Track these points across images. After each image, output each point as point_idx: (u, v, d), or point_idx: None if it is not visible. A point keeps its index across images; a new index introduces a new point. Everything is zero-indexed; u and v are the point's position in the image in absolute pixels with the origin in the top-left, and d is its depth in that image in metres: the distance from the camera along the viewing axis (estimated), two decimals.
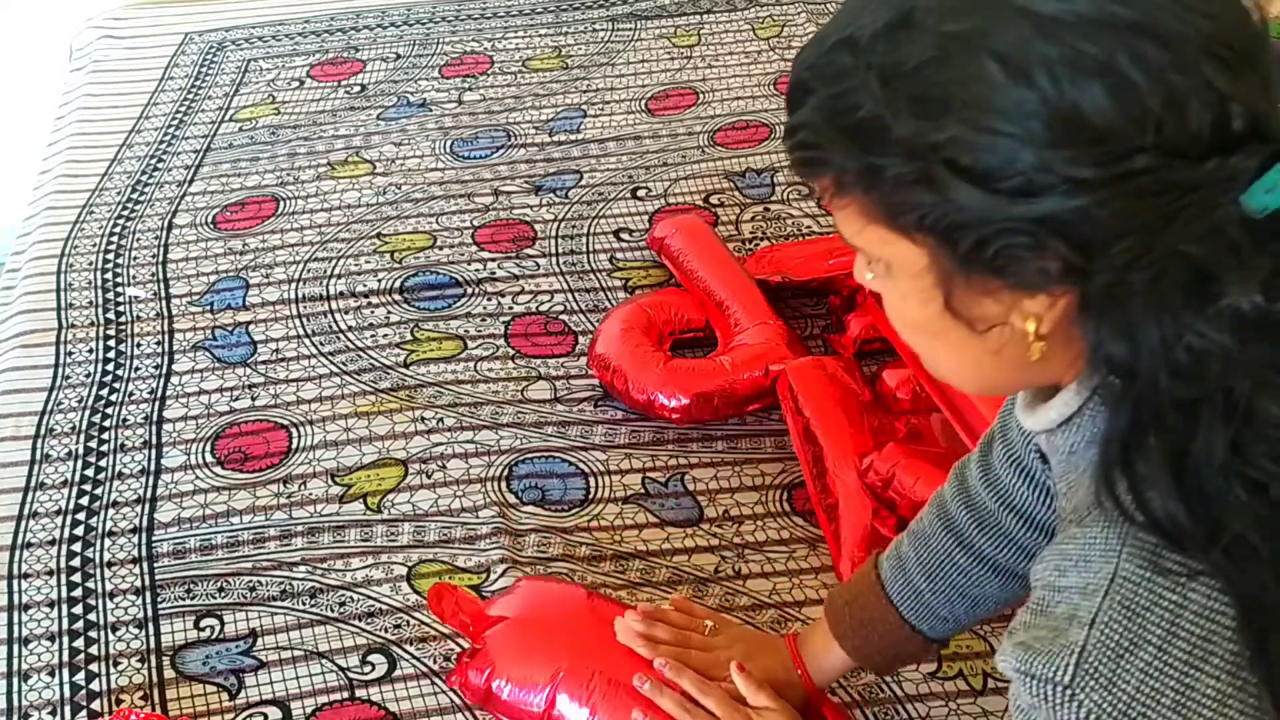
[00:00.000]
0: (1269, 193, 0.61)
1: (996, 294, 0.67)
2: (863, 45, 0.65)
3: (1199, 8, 0.61)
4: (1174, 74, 0.60)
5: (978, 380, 0.77)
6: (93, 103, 2.22)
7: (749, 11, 2.45)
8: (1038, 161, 0.61)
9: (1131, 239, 0.61)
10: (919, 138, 0.63)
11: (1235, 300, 0.61)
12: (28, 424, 1.57)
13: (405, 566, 1.38)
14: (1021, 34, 0.60)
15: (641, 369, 1.55)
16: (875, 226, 0.69)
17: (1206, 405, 0.63)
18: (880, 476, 1.40)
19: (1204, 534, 0.64)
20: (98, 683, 1.28)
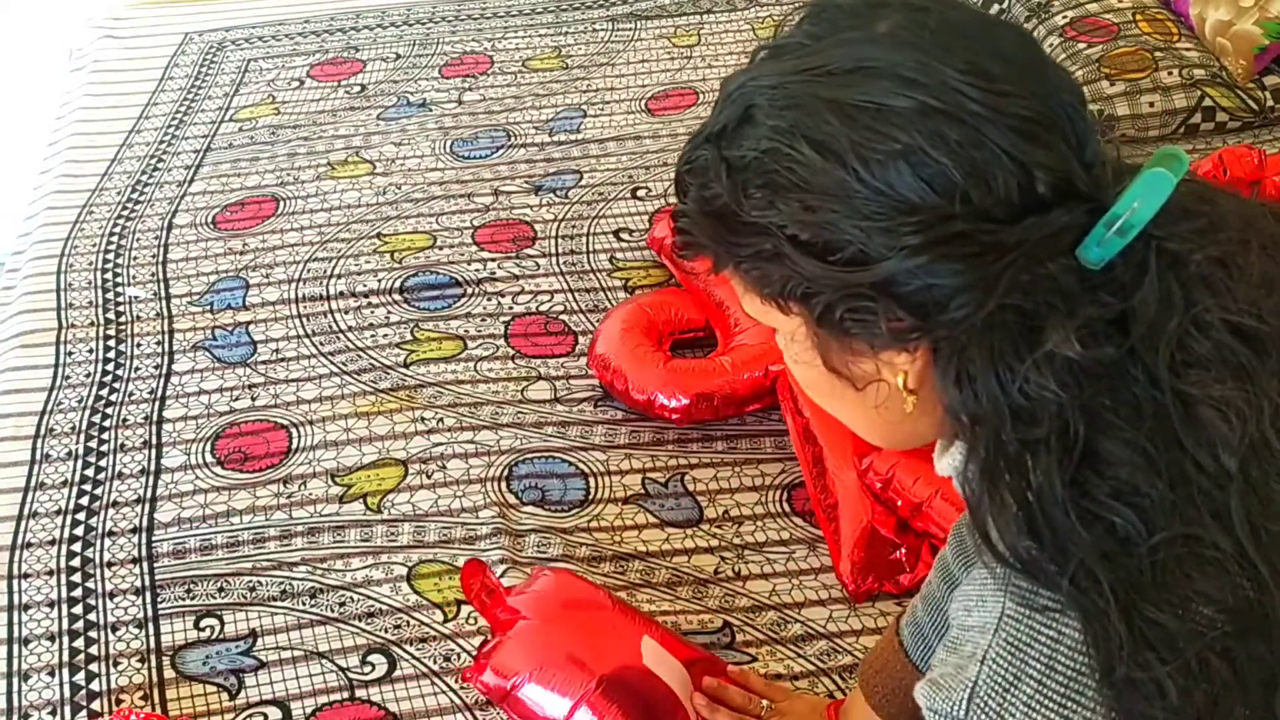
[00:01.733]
0: (1100, 245, 0.67)
1: (863, 353, 0.73)
2: (718, 140, 0.72)
3: (999, 89, 0.67)
4: (974, 150, 0.66)
5: (875, 434, 0.83)
6: (93, 103, 2.22)
7: (749, 11, 2.45)
8: (863, 234, 0.67)
9: (963, 297, 0.67)
10: (763, 218, 0.70)
11: (1056, 347, 0.66)
12: (28, 424, 1.57)
13: (405, 567, 1.38)
14: (833, 124, 0.67)
15: (641, 369, 1.55)
16: (751, 296, 0.76)
17: (1044, 446, 0.68)
18: (880, 477, 1.40)
19: (1053, 567, 0.68)
20: (98, 683, 1.28)
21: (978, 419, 0.70)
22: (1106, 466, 0.68)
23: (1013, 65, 0.69)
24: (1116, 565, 0.67)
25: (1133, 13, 2.16)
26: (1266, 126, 2.08)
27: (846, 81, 0.68)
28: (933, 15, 0.70)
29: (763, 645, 1.30)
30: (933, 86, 0.67)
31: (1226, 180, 1.70)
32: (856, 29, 0.70)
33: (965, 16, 0.72)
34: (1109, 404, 0.68)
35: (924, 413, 0.76)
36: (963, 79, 0.67)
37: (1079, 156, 0.69)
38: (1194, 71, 2.06)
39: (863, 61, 0.68)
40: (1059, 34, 2.16)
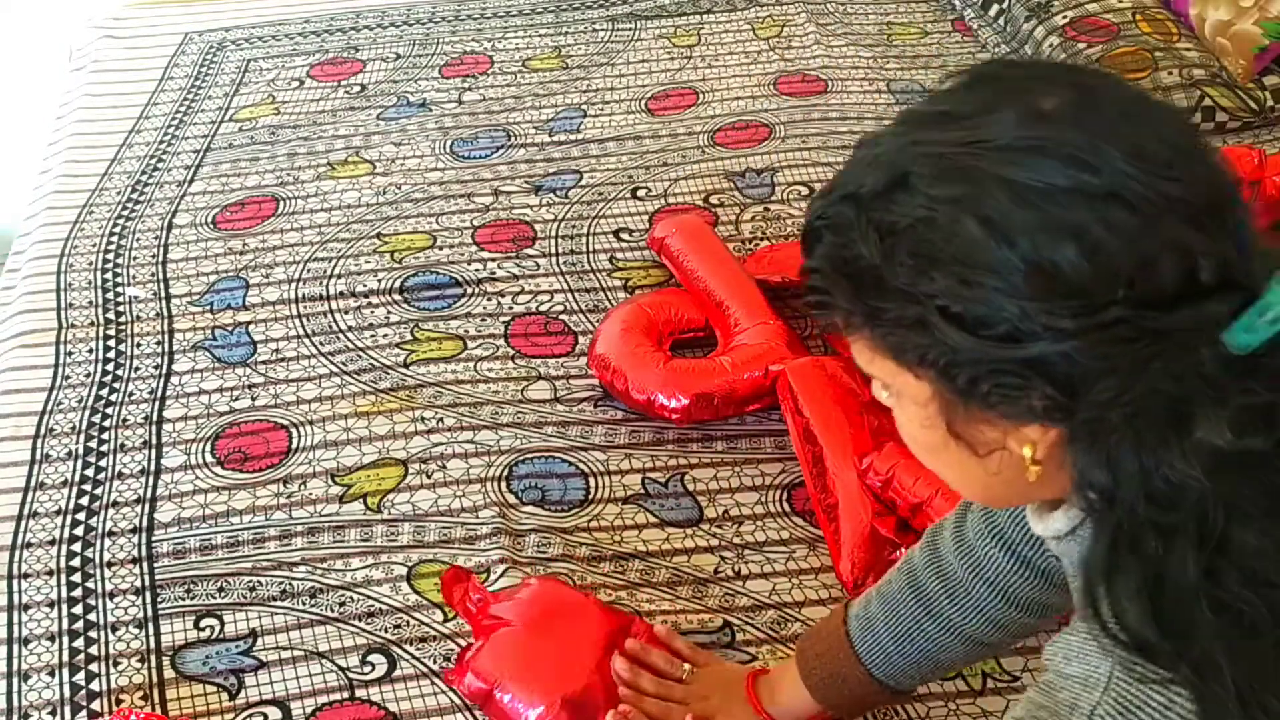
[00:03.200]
0: (1248, 332, 0.66)
1: (994, 422, 0.73)
2: (864, 201, 0.71)
3: (1166, 173, 0.67)
4: (1142, 236, 0.66)
5: (983, 495, 0.83)
6: (93, 103, 2.22)
7: (749, 11, 2.45)
8: (1020, 312, 0.66)
9: (1111, 380, 0.67)
10: (913, 287, 0.69)
11: (1206, 436, 0.66)
12: (28, 424, 1.57)
13: (405, 567, 1.38)
14: (1001, 201, 0.67)
15: (641, 369, 1.55)
16: (882, 359, 0.75)
17: (1182, 532, 0.68)
18: (880, 476, 1.40)
19: (1173, 651, 0.69)
20: (98, 683, 1.28)
21: (1113, 500, 0.70)
22: (1240, 556, 0.68)
23: (1177, 148, 0.69)
24: (1240, 655, 0.68)
25: (1133, 13, 2.16)
26: (1266, 126, 2.08)
27: (1014, 159, 0.67)
28: (1100, 95, 0.70)
29: (763, 644, 1.30)
30: (1102, 169, 0.66)
31: None
32: (1023, 104, 0.69)
33: (1131, 97, 0.72)
34: (1249, 494, 0.68)
35: (1040, 482, 0.75)
36: (1131, 163, 0.66)
37: (1235, 243, 0.68)
38: (1194, 71, 2.06)
39: (1031, 140, 0.67)
40: (1059, 34, 2.16)
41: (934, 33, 2.39)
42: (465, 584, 1.29)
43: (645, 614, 1.32)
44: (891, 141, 0.72)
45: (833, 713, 1.16)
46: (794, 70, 2.27)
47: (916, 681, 1.14)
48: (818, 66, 2.27)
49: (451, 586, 1.29)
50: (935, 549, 1.09)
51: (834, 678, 1.12)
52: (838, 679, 1.12)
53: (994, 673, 1.27)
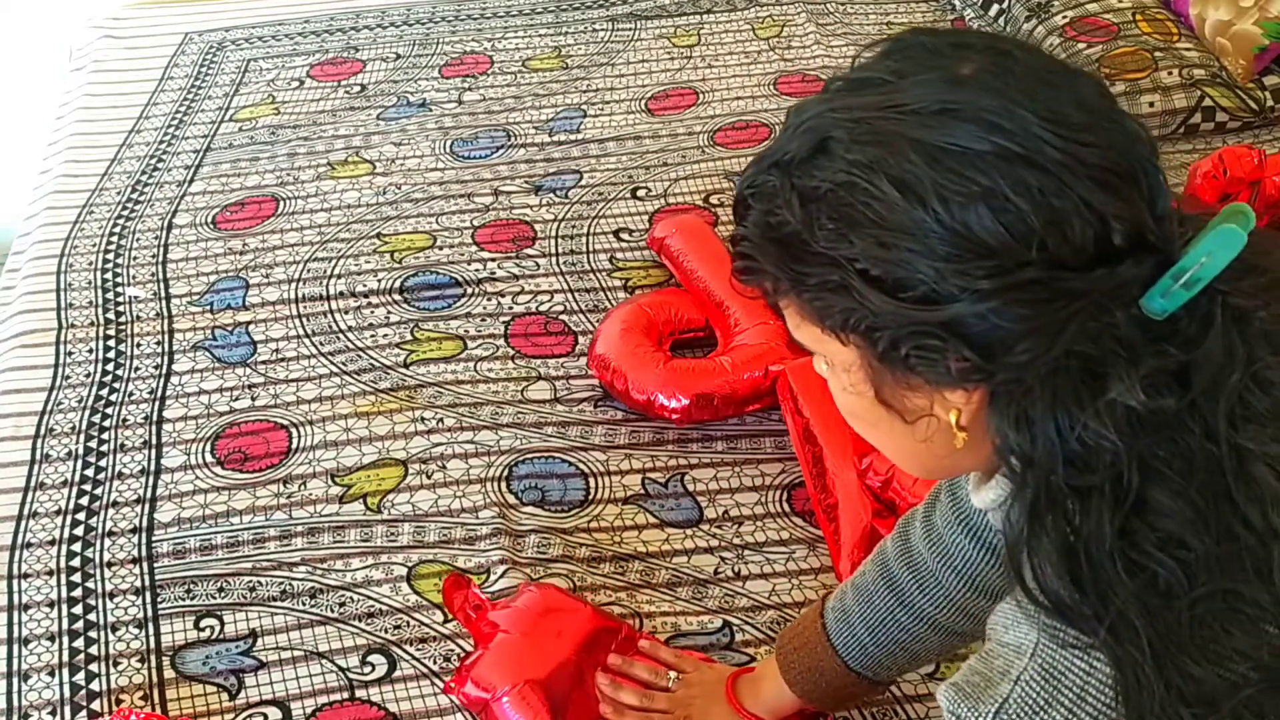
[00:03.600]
0: (1164, 296, 0.67)
1: (919, 388, 0.74)
2: (789, 168, 0.72)
3: (1080, 137, 0.68)
4: (1054, 197, 0.67)
5: (916, 465, 0.84)
6: (93, 103, 2.22)
7: (749, 11, 2.45)
8: (936, 274, 0.67)
9: (1028, 341, 0.67)
10: (835, 251, 0.70)
11: (1119, 396, 0.67)
12: (28, 424, 1.57)
13: (405, 567, 1.38)
14: (916, 163, 0.67)
15: (641, 369, 1.55)
16: (809, 325, 0.76)
17: (1097, 493, 0.69)
18: (880, 477, 1.40)
19: (1091, 613, 0.70)
20: (98, 683, 1.28)
21: (1030, 461, 0.70)
22: (1156, 517, 0.68)
23: (1093, 114, 0.69)
24: (1155, 617, 0.68)
25: (1133, 13, 2.16)
26: (1266, 126, 2.08)
27: (930, 122, 0.68)
28: (1016, 60, 0.71)
29: (762, 645, 1.30)
30: (1016, 132, 0.67)
31: (1226, 180, 1.70)
32: (940, 69, 0.70)
33: (1047, 63, 0.72)
34: (1163, 455, 0.69)
35: (970, 448, 0.76)
36: (1045, 126, 0.67)
37: (1151, 209, 0.69)
38: (1194, 71, 2.06)
39: (947, 103, 0.68)
40: (1059, 34, 2.16)
41: None
42: (465, 590, 1.30)
43: (645, 615, 1.32)
44: (815, 108, 0.73)
45: (814, 705, 1.16)
46: (794, 70, 2.27)
47: (893, 672, 1.14)
48: (818, 66, 2.27)
49: (452, 593, 1.30)
50: (906, 539, 1.10)
51: (812, 671, 1.13)
52: (815, 672, 1.13)
53: None
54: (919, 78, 0.70)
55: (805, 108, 0.74)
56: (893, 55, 0.73)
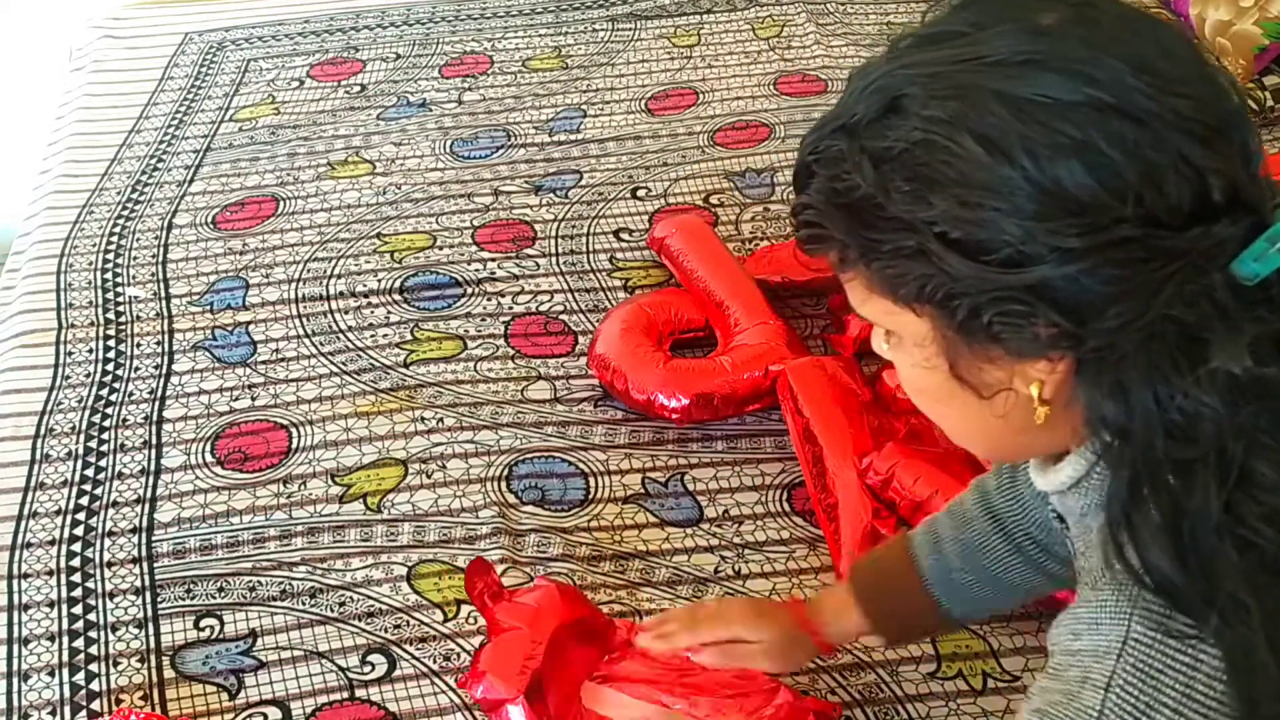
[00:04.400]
0: (1258, 260, 0.63)
1: (999, 360, 0.69)
2: (857, 130, 0.68)
3: (1173, 88, 0.64)
4: (1150, 150, 0.63)
5: (987, 444, 0.80)
6: (93, 103, 2.22)
7: (749, 11, 2.45)
8: (1024, 233, 0.63)
9: (1121, 305, 0.64)
10: (911, 214, 0.66)
11: (1224, 363, 0.63)
12: (28, 424, 1.57)
13: (405, 567, 1.38)
14: (1001, 116, 0.64)
15: (641, 369, 1.55)
16: (879, 298, 0.72)
17: (1201, 466, 0.65)
18: (880, 476, 1.40)
19: (1199, 594, 0.66)
20: (98, 683, 1.28)
21: (1128, 434, 0.67)
22: (1260, 490, 0.65)
23: (1184, 65, 0.66)
24: (1266, 594, 0.65)
25: None
26: (1266, 126, 2.07)
27: (1014, 73, 0.64)
28: (1101, 10, 0.67)
29: None
30: (1107, 83, 0.64)
31: None
32: (1020, 20, 0.67)
33: (1131, 12, 0.69)
34: (1266, 426, 0.65)
35: (1048, 425, 0.72)
36: (1138, 76, 0.64)
37: (1246, 166, 0.66)
38: None
39: (1032, 54, 0.65)
40: None
41: None
42: (486, 577, 1.27)
43: (645, 613, 1.32)
44: (884, 67, 0.69)
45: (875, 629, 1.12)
46: (794, 70, 2.27)
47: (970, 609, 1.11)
48: (818, 66, 2.27)
49: (473, 577, 1.27)
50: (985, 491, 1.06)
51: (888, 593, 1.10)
52: (891, 594, 1.10)
53: (994, 673, 1.27)
54: (999, 29, 0.66)
55: (871, 68, 0.70)
56: (968, 7, 0.69)
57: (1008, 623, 1.30)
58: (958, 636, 1.30)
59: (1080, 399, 0.69)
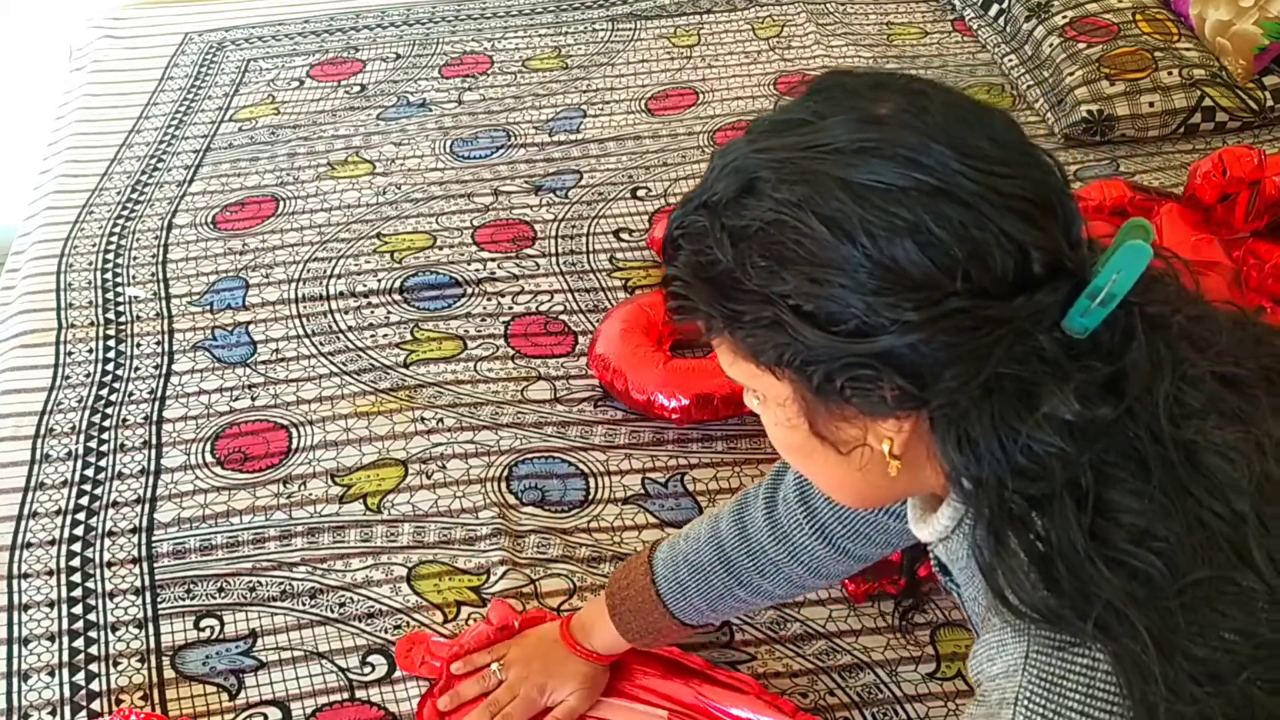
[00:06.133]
0: (1084, 316, 0.70)
1: (853, 419, 0.75)
2: (717, 208, 0.74)
3: (996, 170, 0.70)
4: (974, 229, 0.69)
5: (852, 495, 0.85)
6: (93, 103, 2.22)
7: (749, 11, 2.45)
8: (867, 307, 0.69)
9: (957, 368, 0.69)
10: (767, 288, 0.71)
11: (1052, 409, 0.69)
12: (28, 424, 1.57)
13: (405, 567, 1.38)
14: (842, 201, 0.69)
15: (641, 369, 1.55)
16: (742, 362, 0.77)
17: (1057, 500, 0.71)
18: None
19: (1075, 613, 0.71)
20: (98, 683, 1.28)
21: (980, 481, 0.72)
22: (1122, 515, 0.71)
23: (1006, 147, 0.72)
24: (1147, 607, 0.69)
25: (1133, 13, 2.16)
26: (1266, 126, 2.08)
27: (852, 160, 0.70)
28: (930, 99, 0.73)
29: (762, 644, 1.30)
30: (934, 167, 0.69)
31: (1226, 180, 1.70)
32: (859, 109, 0.72)
33: (960, 100, 0.74)
34: (1114, 459, 0.71)
35: (903, 477, 0.78)
36: (962, 161, 0.69)
37: (1067, 236, 0.71)
38: (1194, 71, 2.06)
39: (866, 141, 0.70)
40: (1059, 34, 2.16)
41: (934, 33, 2.39)
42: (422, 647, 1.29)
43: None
44: (741, 149, 0.74)
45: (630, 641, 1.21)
46: (794, 70, 2.27)
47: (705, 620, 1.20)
48: (818, 66, 2.27)
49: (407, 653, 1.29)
50: (744, 526, 1.14)
51: (649, 628, 1.19)
52: (653, 630, 1.19)
53: None
54: (840, 118, 0.72)
55: (730, 149, 0.75)
56: (813, 97, 0.75)
57: None
58: (957, 636, 1.30)
59: (935, 449, 0.74)
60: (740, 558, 1.14)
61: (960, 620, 1.31)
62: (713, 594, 1.16)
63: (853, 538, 1.10)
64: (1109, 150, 2.05)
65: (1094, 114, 2.02)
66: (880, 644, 1.30)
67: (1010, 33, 2.29)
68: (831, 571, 1.14)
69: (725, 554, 1.14)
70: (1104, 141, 2.05)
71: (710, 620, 1.20)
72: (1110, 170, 2.00)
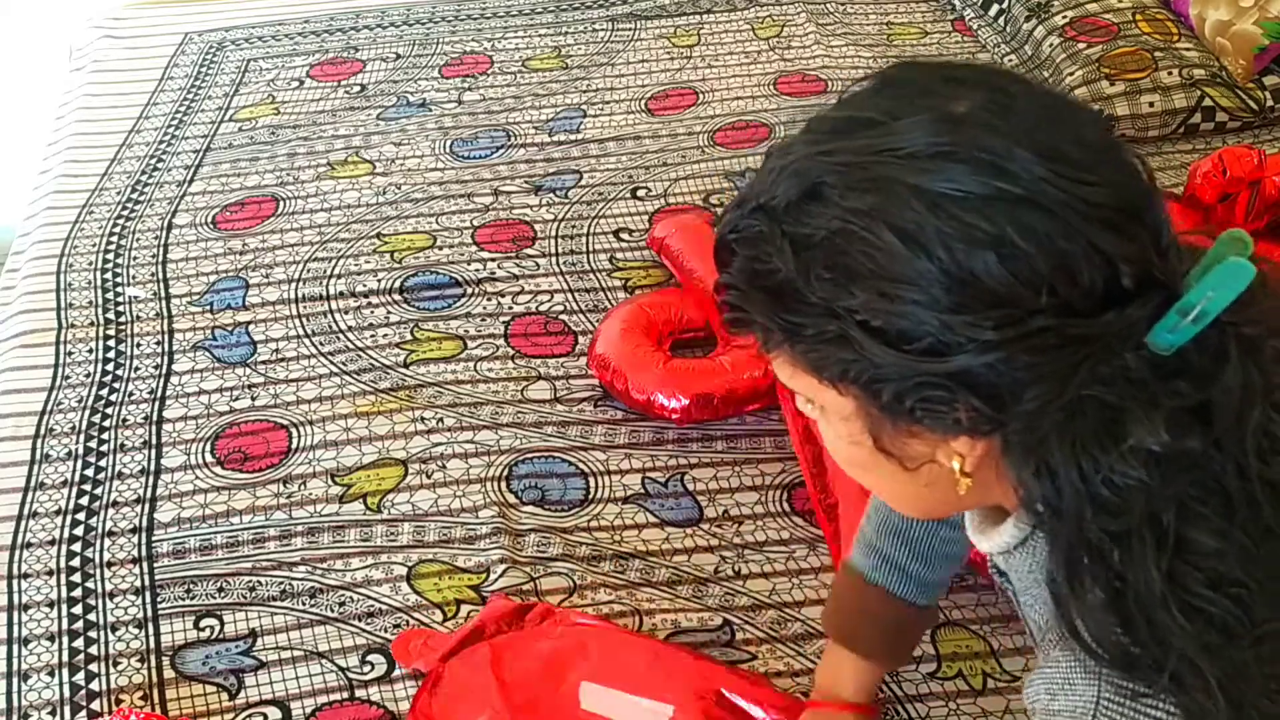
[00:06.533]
0: (1171, 332, 0.65)
1: (922, 436, 0.71)
2: (777, 213, 0.69)
3: (1083, 177, 0.65)
4: (1061, 241, 0.64)
5: (916, 508, 0.82)
6: (93, 103, 2.22)
7: (749, 11, 2.45)
8: (942, 325, 0.65)
9: (1039, 388, 0.65)
10: (832, 302, 0.67)
11: (1140, 440, 0.64)
12: (28, 424, 1.57)
13: (405, 567, 1.38)
14: (916, 210, 0.64)
15: (641, 369, 1.55)
16: (804, 375, 0.73)
17: (1136, 538, 0.66)
18: None
19: (1150, 661, 0.67)
20: (98, 683, 1.28)
21: (1058, 512, 0.68)
22: (1200, 558, 0.66)
23: (1094, 151, 0.67)
24: (1220, 658, 0.66)
25: (1133, 13, 2.16)
26: (1266, 126, 2.08)
27: (928, 166, 0.65)
28: (1013, 97, 0.68)
29: (763, 644, 1.30)
30: (1018, 174, 0.64)
31: (1226, 180, 1.70)
32: (935, 108, 0.67)
33: (1044, 99, 0.70)
34: (1197, 495, 0.66)
35: (972, 494, 0.74)
36: (1047, 166, 0.65)
37: (1156, 245, 0.66)
38: (1194, 71, 2.06)
39: (943, 145, 0.65)
40: (1059, 34, 2.16)
41: (934, 33, 2.39)
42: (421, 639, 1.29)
43: (645, 612, 1.32)
44: (801, 150, 0.69)
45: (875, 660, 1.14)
46: (794, 70, 2.27)
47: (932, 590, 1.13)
48: (818, 66, 2.27)
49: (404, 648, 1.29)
50: None
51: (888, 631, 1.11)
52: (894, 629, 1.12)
53: (994, 673, 1.27)
54: (912, 118, 0.67)
55: (790, 149, 0.70)
56: (884, 93, 0.70)
57: (1008, 623, 1.30)
58: (957, 636, 1.30)
59: (1010, 473, 0.70)
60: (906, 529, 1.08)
61: (961, 620, 1.31)
62: (914, 538, 1.07)
63: None
64: None
65: None
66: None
67: (1010, 33, 2.29)
68: None
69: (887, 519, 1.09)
70: None
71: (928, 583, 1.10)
72: None
